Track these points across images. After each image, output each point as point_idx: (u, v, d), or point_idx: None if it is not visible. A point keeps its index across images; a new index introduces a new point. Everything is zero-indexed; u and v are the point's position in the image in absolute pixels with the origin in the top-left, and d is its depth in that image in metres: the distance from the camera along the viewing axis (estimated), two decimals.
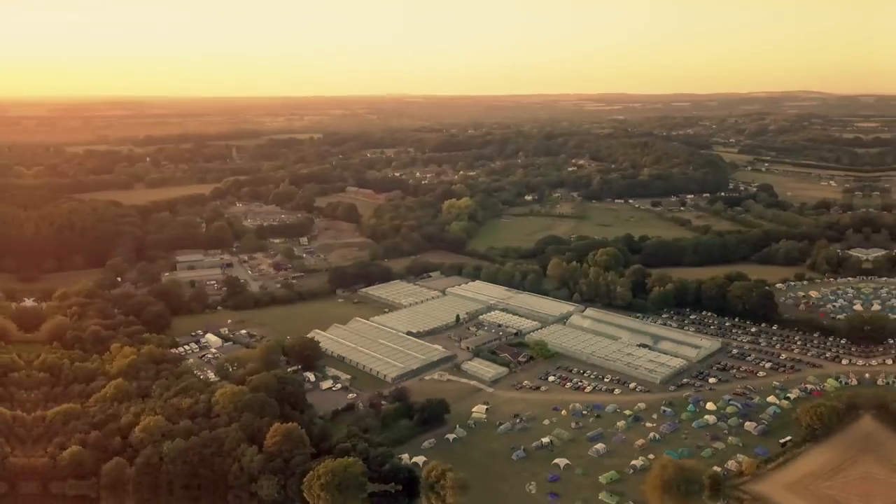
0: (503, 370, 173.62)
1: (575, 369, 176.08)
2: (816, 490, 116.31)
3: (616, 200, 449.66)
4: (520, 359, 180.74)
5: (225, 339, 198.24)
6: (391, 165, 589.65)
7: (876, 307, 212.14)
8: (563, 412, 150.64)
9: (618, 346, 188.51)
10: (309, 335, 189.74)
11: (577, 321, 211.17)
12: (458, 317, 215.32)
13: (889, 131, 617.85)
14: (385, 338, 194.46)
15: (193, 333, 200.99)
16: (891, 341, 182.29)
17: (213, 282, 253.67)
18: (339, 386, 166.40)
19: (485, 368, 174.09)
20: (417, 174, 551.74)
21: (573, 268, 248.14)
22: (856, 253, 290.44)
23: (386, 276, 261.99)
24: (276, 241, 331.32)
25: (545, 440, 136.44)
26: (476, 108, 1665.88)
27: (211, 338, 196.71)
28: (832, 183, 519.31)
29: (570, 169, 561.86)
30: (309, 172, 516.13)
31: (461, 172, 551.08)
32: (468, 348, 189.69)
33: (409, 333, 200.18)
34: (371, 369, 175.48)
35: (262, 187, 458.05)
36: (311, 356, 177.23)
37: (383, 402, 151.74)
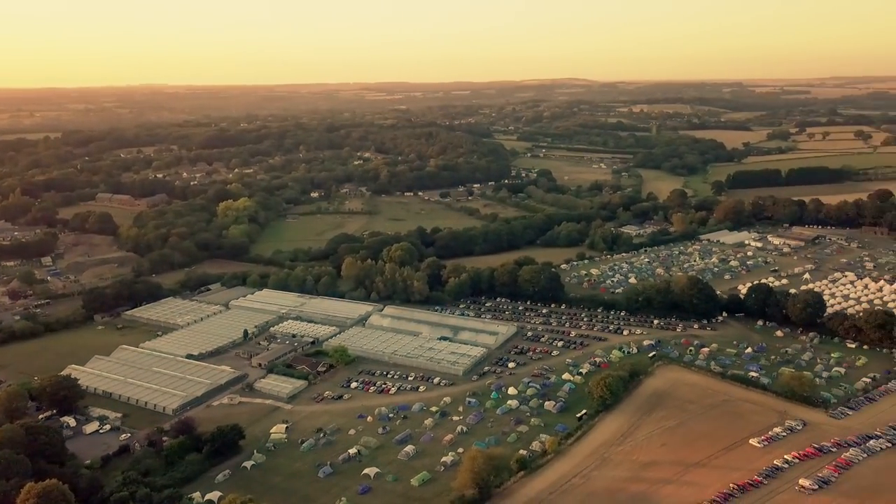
0: (301, 383, 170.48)
1: (378, 372, 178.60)
2: (610, 456, 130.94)
3: (406, 193, 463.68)
4: (319, 369, 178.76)
5: None
6: (151, 166, 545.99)
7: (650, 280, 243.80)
8: (370, 418, 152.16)
9: (419, 342, 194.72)
10: (64, 372, 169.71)
11: (376, 321, 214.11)
12: (246, 332, 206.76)
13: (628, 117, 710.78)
14: (160, 365, 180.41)
15: None
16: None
17: None
18: (107, 427, 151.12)
19: (281, 384, 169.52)
20: (184, 175, 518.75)
21: (368, 266, 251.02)
22: (627, 230, 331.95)
23: (155, 293, 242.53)
24: (10, 263, 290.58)
25: (352, 451, 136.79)
26: (249, 99, 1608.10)
27: None
28: (602, 165, 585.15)
29: (356, 162, 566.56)
30: (47, 179, 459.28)
31: (236, 170, 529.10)
32: (260, 365, 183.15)
33: (189, 357, 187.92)
34: (147, 403, 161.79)
35: None
36: (69, 397, 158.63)
37: (165, 438, 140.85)
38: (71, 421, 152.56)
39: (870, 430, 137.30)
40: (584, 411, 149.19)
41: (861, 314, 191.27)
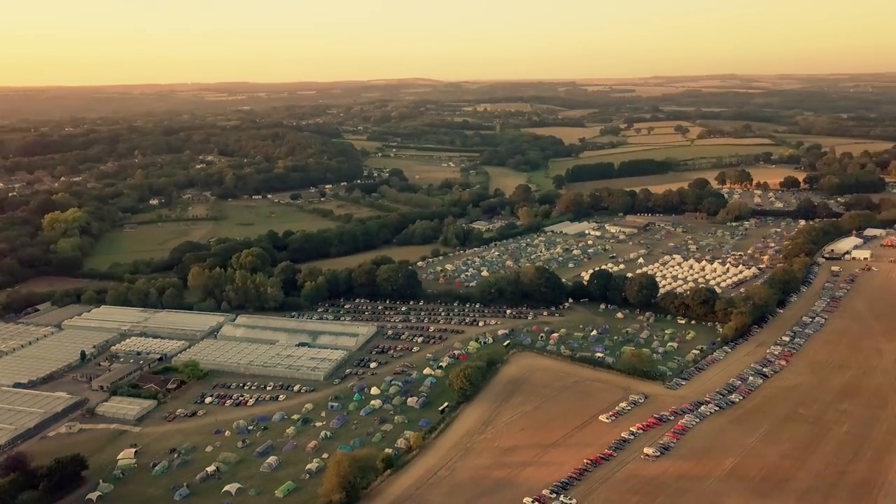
0: (150, 403, 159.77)
1: (234, 384, 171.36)
2: (473, 445, 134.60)
3: (254, 197, 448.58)
4: (169, 386, 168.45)
5: None
6: None
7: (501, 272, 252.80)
8: (227, 433, 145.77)
9: (276, 351, 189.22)
10: None
11: (229, 332, 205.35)
12: (83, 353, 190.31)
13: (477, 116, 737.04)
14: None
15: None
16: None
17: None
18: None
19: (126, 406, 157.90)
20: (1, 185, 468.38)
21: (217, 274, 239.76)
22: (478, 225, 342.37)
23: None
24: None
25: (211, 469, 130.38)
26: (72, 102, 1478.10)
27: None
28: (451, 164, 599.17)
29: (198, 166, 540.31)
30: None
31: (63, 179, 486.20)
32: (102, 387, 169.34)
33: (17, 386, 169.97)
34: None
35: None
36: None
37: None
38: None
39: (701, 396, 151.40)
40: (445, 404, 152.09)
41: (688, 292, 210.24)
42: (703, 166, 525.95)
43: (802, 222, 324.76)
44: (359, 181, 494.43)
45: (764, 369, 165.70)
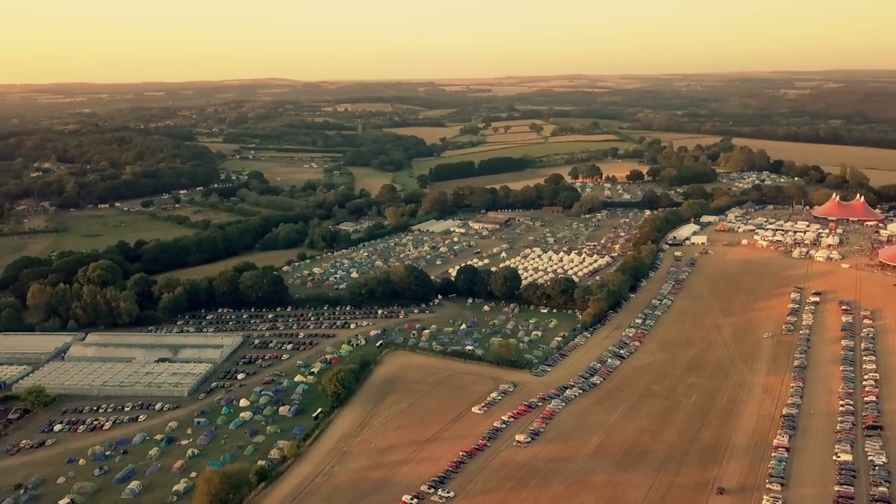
0: None
1: (87, 408, 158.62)
2: (350, 449, 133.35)
3: (100, 206, 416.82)
4: (10, 416, 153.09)
5: None
6: None
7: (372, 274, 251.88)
8: (82, 461, 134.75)
9: (133, 368, 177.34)
10: None
11: (78, 352, 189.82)
12: None
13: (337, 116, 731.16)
14: None
15: None
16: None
17: None
18: None
19: None
20: None
21: (62, 291, 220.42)
22: (344, 227, 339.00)
23: None
24: None
25: (64, 502, 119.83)
26: None
27: None
28: (313, 165, 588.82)
29: (33, 175, 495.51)
30: None
31: None
32: None
33: None
34: None
35: None
36: None
37: None
38: None
39: (566, 381, 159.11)
40: (319, 410, 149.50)
41: (549, 283, 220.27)
42: (557, 162, 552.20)
43: (648, 212, 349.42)
44: (216, 185, 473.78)
45: (621, 351, 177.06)
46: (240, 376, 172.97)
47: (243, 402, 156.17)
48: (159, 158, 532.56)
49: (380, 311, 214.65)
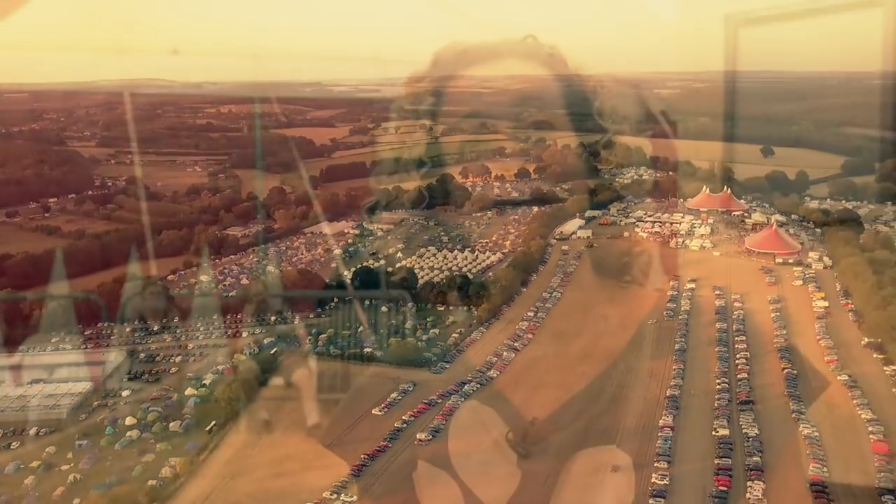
0: None
1: None
2: (249, 459, 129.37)
3: None
4: None
5: None
6: None
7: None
8: None
9: (3, 392, 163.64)
10: None
11: None
12: None
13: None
14: None
15: None
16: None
17: None
18: None
19: None
20: None
21: None
22: (232, 232, 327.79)
23: None
24: None
25: None
26: None
27: None
28: (197, 168, 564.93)
29: None
30: None
31: None
32: None
33: None
34: None
35: None
36: None
37: None
38: None
39: (464, 377, 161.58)
40: (213, 423, 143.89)
41: (444, 281, 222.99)
42: (447, 162, 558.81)
43: (536, 209, 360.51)
44: (90, 192, 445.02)
45: (515, 344, 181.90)
46: (125, 393, 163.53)
47: (129, 420, 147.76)
48: (24, 165, 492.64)
49: (273, 318, 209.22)
